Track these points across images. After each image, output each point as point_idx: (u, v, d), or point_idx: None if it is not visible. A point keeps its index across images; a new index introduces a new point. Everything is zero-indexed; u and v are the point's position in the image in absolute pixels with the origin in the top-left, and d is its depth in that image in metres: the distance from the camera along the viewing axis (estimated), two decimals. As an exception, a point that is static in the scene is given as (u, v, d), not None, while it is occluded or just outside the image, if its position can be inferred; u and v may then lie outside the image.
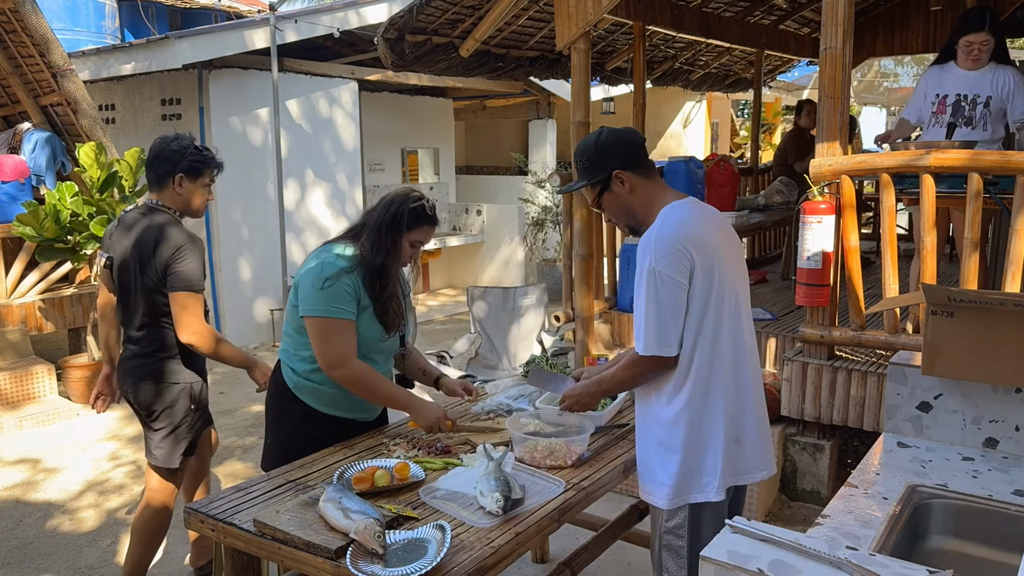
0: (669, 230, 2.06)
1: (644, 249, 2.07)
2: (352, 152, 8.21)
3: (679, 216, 2.10)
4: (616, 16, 5.05)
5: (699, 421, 2.10)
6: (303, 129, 7.68)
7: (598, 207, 2.25)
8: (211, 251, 7.21)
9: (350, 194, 8.23)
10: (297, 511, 2.00)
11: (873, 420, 3.66)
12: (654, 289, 2.03)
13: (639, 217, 2.18)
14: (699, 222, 2.12)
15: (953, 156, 3.31)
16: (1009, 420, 2.00)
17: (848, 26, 3.41)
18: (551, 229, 9.98)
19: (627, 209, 2.19)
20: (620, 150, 2.16)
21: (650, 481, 2.20)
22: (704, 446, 2.11)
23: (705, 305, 2.06)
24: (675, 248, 2.02)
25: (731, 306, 2.10)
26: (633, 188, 2.15)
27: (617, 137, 2.18)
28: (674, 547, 2.17)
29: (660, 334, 2.04)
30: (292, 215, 7.61)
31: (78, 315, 6.25)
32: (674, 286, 2.02)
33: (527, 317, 5.02)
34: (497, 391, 3.00)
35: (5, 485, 4.41)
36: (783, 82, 12.20)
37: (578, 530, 3.37)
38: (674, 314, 2.04)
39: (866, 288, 4.06)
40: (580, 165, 2.22)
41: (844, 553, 1.18)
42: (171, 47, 6.46)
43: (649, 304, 2.04)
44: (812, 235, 3.56)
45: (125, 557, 3.08)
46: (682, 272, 2.02)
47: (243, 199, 7.25)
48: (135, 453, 4.84)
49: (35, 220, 5.31)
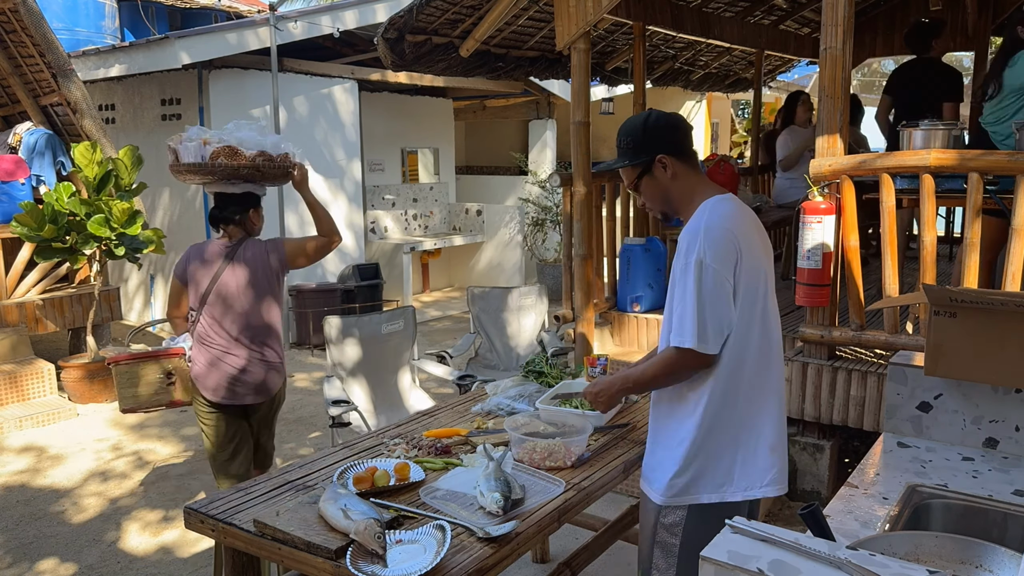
0: (719, 223, 2.00)
1: (691, 240, 2.00)
2: (352, 152, 8.21)
3: (726, 211, 2.03)
4: (616, 16, 5.05)
5: (715, 423, 2.04)
6: (303, 129, 7.68)
7: (635, 189, 2.18)
8: (211, 251, 7.21)
9: (350, 194, 8.23)
10: (297, 511, 2.00)
11: (873, 420, 3.66)
12: (700, 281, 1.96)
13: (675, 205, 2.13)
14: (743, 220, 2.06)
15: (953, 156, 3.31)
16: (1009, 420, 2.00)
17: (848, 26, 3.41)
18: (551, 229, 9.97)
19: (665, 196, 2.13)
20: (668, 135, 2.10)
21: (652, 474, 2.15)
22: (717, 448, 2.05)
23: (741, 305, 2.00)
24: (726, 242, 1.97)
25: (762, 308, 2.05)
26: (675, 175, 2.09)
27: (667, 121, 2.12)
28: (667, 544, 2.13)
29: (702, 329, 1.96)
30: (292, 215, 7.61)
31: (78, 315, 6.25)
32: (721, 280, 1.96)
33: (527, 317, 5.02)
34: (497, 391, 3.00)
35: (5, 484, 4.41)
36: (783, 82, 12.19)
37: (578, 530, 3.37)
38: (718, 310, 1.97)
39: (866, 288, 4.06)
40: (624, 144, 2.15)
41: (844, 553, 1.18)
42: (171, 47, 6.46)
43: (695, 297, 1.96)
44: (812, 235, 3.56)
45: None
46: (728, 267, 1.97)
47: (243, 199, 7.24)
48: (135, 453, 4.84)
49: (32, 220, 5.31)
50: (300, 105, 7.63)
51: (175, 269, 3.26)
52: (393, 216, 9.38)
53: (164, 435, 5.13)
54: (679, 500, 2.08)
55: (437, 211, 10.06)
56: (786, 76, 11.06)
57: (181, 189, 7.48)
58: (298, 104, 7.61)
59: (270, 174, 3.24)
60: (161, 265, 7.90)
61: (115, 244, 5.57)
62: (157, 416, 5.50)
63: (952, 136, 3.77)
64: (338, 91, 7.98)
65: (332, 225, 3.37)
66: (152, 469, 4.61)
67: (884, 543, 1.41)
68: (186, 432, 5.18)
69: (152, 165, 7.52)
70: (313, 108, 7.77)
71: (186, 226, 7.50)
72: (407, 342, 4.30)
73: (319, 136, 7.84)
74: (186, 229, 7.50)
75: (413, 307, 4.55)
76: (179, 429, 5.24)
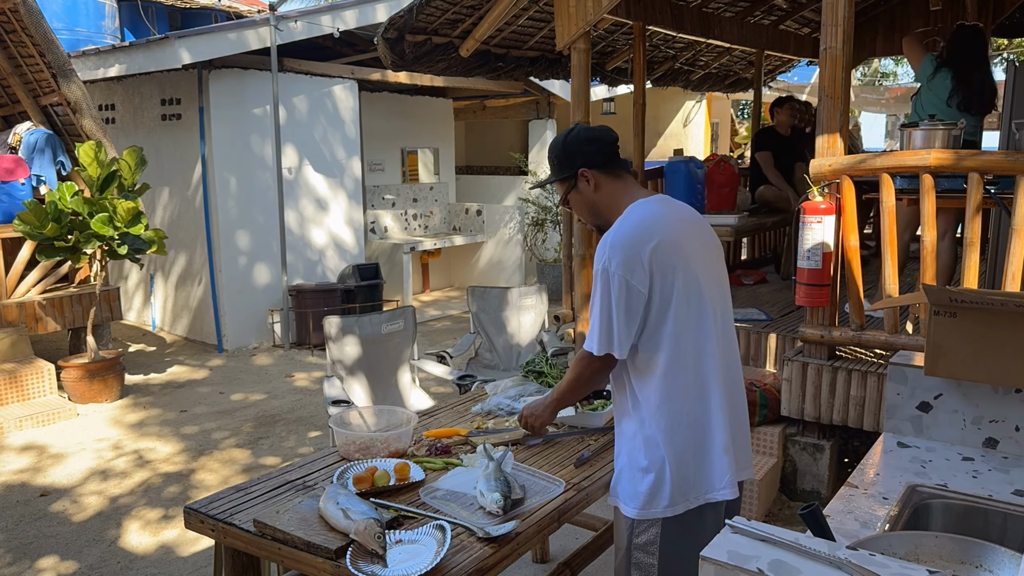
0: (626, 230, 2.01)
1: (601, 247, 2.02)
2: (352, 152, 8.21)
3: (639, 216, 2.04)
4: (616, 16, 5.05)
5: (664, 429, 2.00)
6: (303, 129, 7.68)
7: (566, 204, 2.22)
8: (211, 251, 7.22)
9: (350, 194, 8.23)
10: (297, 511, 2.00)
11: (873, 420, 3.66)
12: (607, 288, 1.98)
13: (604, 216, 2.14)
14: (662, 222, 2.04)
15: (952, 156, 3.31)
16: (1009, 420, 2.00)
17: (848, 26, 3.41)
18: (551, 229, 9.98)
19: (592, 207, 2.16)
20: (586, 148, 2.13)
21: (618, 486, 2.11)
22: (671, 455, 2.01)
23: (664, 310, 1.98)
24: (632, 248, 1.97)
25: (697, 311, 2.01)
26: (598, 187, 2.12)
27: (587, 135, 2.15)
28: (644, 565, 2.07)
29: (609, 334, 1.98)
30: (292, 215, 7.61)
31: (78, 315, 6.25)
32: (627, 287, 1.95)
33: (527, 317, 5.01)
34: (497, 391, 3.00)
35: (5, 484, 4.41)
36: (783, 82, 12.19)
37: (578, 530, 3.37)
38: (626, 316, 1.96)
39: (866, 288, 4.06)
40: (550, 161, 2.21)
41: (844, 553, 1.18)
42: (171, 47, 6.46)
43: (603, 304, 1.99)
44: (812, 235, 3.56)
45: None
46: (636, 275, 1.95)
47: (243, 199, 7.25)
48: (135, 452, 4.84)
49: (36, 219, 5.31)
50: (300, 105, 7.63)
51: None
52: (393, 216, 9.38)
53: (164, 434, 5.13)
54: (648, 512, 2.03)
55: (437, 211, 10.06)
56: (786, 76, 11.06)
57: (182, 188, 7.49)
58: (298, 104, 7.61)
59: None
60: (161, 264, 7.91)
61: (118, 244, 5.58)
62: (157, 416, 5.50)
63: (952, 136, 3.78)
64: (338, 91, 7.99)
65: None
66: (152, 469, 4.61)
67: (884, 543, 1.41)
68: (186, 431, 5.18)
69: (152, 164, 7.53)
70: (313, 108, 7.77)
71: (187, 225, 7.50)
72: (407, 342, 4.30)
73: (319, 136, 7.85)
74: (187, 228, 7.50)
75: (413, 307, 4.56)
76: (179, 428, 5.24)
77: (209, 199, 7.13)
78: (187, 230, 7.50)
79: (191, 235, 7.47)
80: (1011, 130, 4.13)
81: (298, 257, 7.72)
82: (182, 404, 5.77)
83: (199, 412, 5.59)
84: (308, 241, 7.83)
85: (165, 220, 7.71)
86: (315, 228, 7.90)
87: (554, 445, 2.53)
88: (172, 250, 7.60)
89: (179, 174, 7.46)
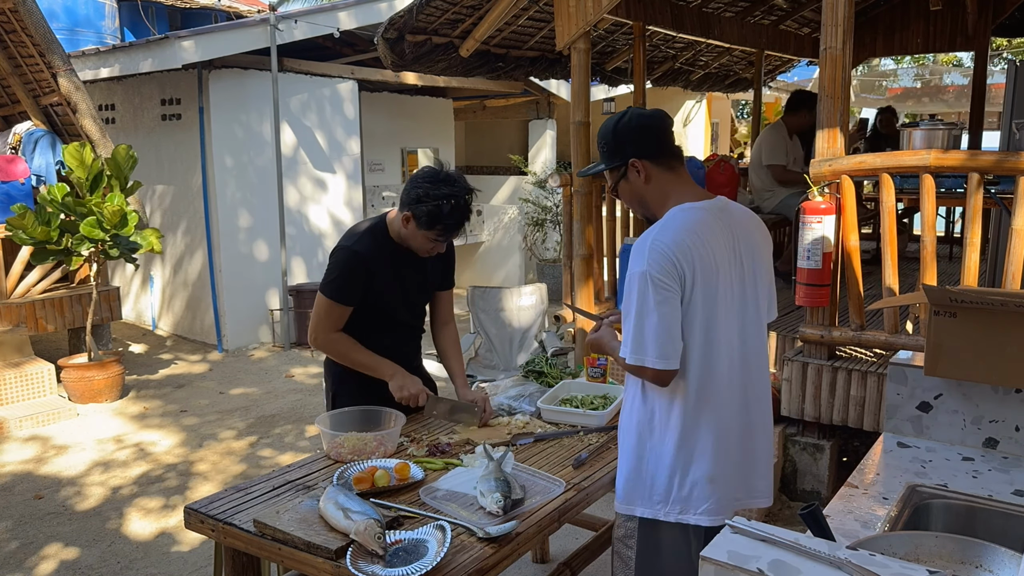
0: (668, 237, 1.91)
1: (638, 252, 1.93)
2: (352, 152, 8.21)
3: (682, 223, 1.95)
4: (616, 16, 5.05)
5: (652, 440, 2.00)
6: (303, 129, 7.68)
7: (615, 193, 2.12)
8: (211, 251, 7.22)
9: (350, 194, 8.23)
10: (297, 511, 2.00)
11: (873, 420, 3.66)
12: (646, 294, 1.89)
13: (652, 210, 2.05)
14: (705, 229, 1.95)
15: (953, 156, 3.31)
16: (1009, 420, 2.00)
17: (848, 26, 3.41)
18: (551, 229, 9.98)
19: (640, 199, 2.06)
20: (638, 137, 2.01)
21: (617, 478, 2.13)
22: (654, 464, 2.00)
23: (692, 320, 1.93)
24: (669, 257, 1.89)
25: (714, 334, 1.95)
26: (649, 179, 2.02)
27: (639, 122, 2.03)
28: (623, 556, 2.09)
29: (645, 343, 1.90)
30: (292, 215, 7.61)
31: (78, 315, 6.25)
32: (668, 293, 1.89)
33: (527, 317, 5.01)
34: (497, 391, 3.00)
35: (6, 483, 4.41)
36: (783, 82, 12.19)
37: (578, 530, 3.37)
38: (669, 324, 1.89)
39: (866, 288, 4.06)
40: (600, 148, 2.09)
41: (844, 553, 1.18)
42: (171, 47, 6.45)
43: (641, 311, 1.90)
44: (812, 235, 3.56)
45: None
46: (675, 280, 1.89)
47: (243, 199, 7.25)
48: (136, 451, 4.84)
49: (23, 223, 5.28)
50: (300, 105, 7.63)
51: None
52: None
53: (164, 434, 5.13)
54: (625, 508, 2.08)
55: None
56: (786, 76, 11.07)
57: (182, 188, 7.49)
58: (298, 104, 7.60)
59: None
60: (161, 264, 7.91)
61: (110, 246, 5.55)
62: (157, 415, 5.50)
63: (952, 136, 3.78)
64: (338, 91, 7.98)
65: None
66: (153, 468, 4.61)
67: (884, 543, 1.41)
68: (186, 421, 5.18)
69: (152, 165, 7.53)
70: (313, 108, 7.77)
71: (187, 225, 7.50)
72: (407, 342, 4.29)
73: (319, 136, 7.84)
74: (187, 228, 7.50)
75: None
76: (180, 424, 5.24)
77: (209, 199, 7.12)
78: (187, 230, 7.50)
79: (191, 235, 7.47)
80: (1011, 130, 4.14)
81: (298, 257, 7.72)
82: (182, 403, 5.77)
83: (199, 411, 5.60)
84: (308, 241, 7.83)
85: (165, 220, 7.70)
86: (315, 228, 7.90)
87: (553, 445, 2.53)
88: (172, 250, 7.60)
89: (179, 174, 7.45)
